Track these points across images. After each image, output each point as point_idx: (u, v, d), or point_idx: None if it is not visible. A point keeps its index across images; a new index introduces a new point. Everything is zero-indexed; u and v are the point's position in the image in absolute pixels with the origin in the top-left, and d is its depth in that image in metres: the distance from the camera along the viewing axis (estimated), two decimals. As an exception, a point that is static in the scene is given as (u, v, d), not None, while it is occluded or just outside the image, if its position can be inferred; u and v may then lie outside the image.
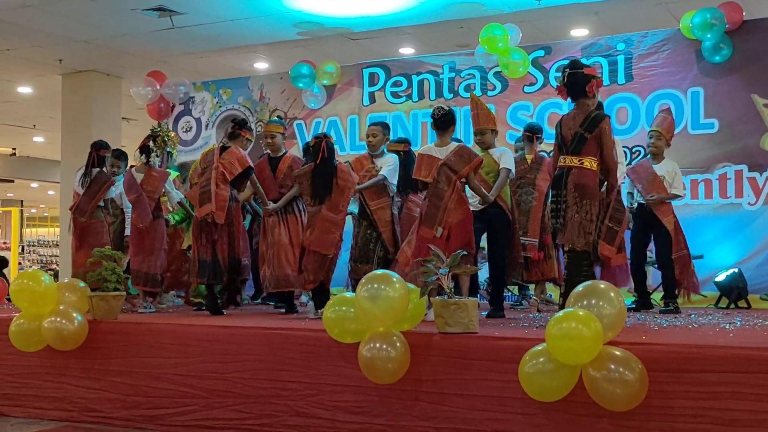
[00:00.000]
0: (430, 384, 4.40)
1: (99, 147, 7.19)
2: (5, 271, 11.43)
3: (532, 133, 7.22)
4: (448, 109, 5.74)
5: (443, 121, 5.67)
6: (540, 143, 7.41)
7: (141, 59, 11.50)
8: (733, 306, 7.42)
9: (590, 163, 5.24)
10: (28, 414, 5.61)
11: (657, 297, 7.25)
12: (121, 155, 7.54)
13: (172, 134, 6.90)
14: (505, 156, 6.18)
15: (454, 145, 5.66)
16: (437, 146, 5.66)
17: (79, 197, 7.01)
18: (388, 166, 6.44)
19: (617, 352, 3.82)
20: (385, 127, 6.81)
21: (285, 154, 6.94)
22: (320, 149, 5.97)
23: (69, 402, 5.51)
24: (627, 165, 8.01)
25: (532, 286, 7.37)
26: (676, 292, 6.72)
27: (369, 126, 6.95)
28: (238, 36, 10.51)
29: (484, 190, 5.76)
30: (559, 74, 8.57)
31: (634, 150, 8.19)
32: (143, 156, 7.14)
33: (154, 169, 7.05)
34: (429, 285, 4.57)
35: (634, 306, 6.70)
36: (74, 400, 5.49)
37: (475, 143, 6.45)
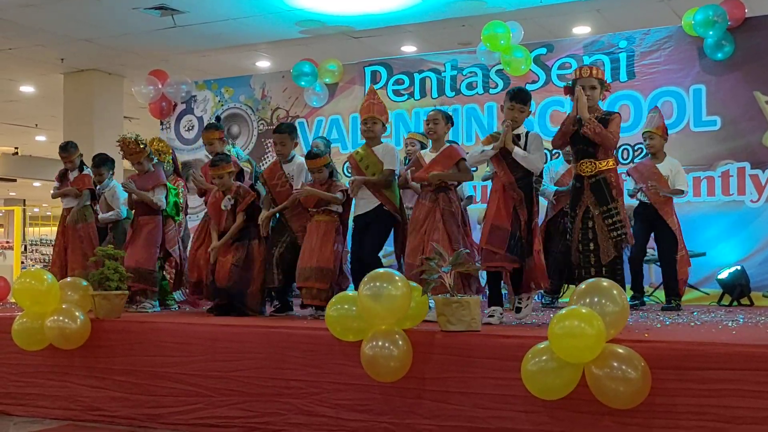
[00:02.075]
0: (433, 382, 4.40)
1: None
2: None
3: None
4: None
5: None
6: None
7: (143, 58, 11.53)
8: (735, 303, 7.41)
9: None
10: (31, 413, 5.61)
11: (661, 295, 7.25)
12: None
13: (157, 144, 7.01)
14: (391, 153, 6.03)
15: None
16: None
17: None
18: (301, 172, 6.25)
19: (620, 350, 3.81)
20: (293, 131, 6.46)
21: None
22: None
23: (73, 401, 5.51)
24: (629, 162, 8.04)
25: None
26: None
27: (275, 134, 6.39)
28: (239, 34, 10.54)
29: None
30: (563, 72, 8.68)
31: (636, 147, 8.19)
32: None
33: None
34: (431, 283, 4.57)
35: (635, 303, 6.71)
36: (78, 399, 5.50)
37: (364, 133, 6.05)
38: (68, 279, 5.99)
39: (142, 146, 6.74)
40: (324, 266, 5.87)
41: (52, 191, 7.60)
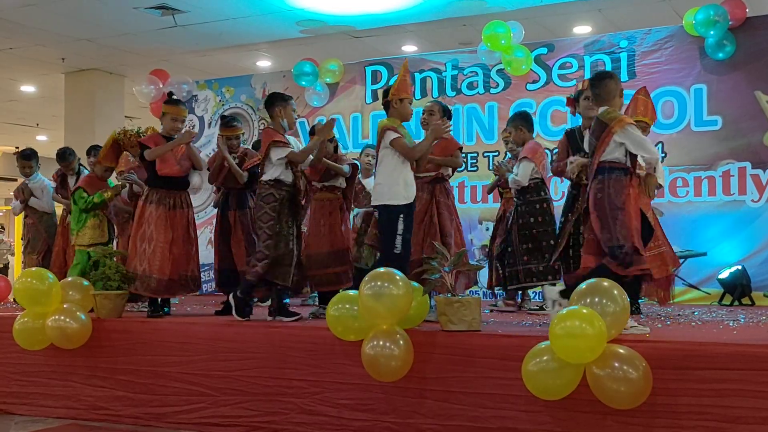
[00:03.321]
0: (434, 382, 4.41)
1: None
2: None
3: None
4: None
5: None
6: None
7: (144, 57, 11.53)
8: (736, 303, 7.41)
9: None
10: (34, 412, 5.62)
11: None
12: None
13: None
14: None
15: None
16: None
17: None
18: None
19: (621, 350, 3.82)
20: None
21: None
22: None
23: (76, 400, 5.52)
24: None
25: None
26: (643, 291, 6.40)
27: (287, 101, 5.86)
28: (240, 34, 10.53)
29: None
30: (564, 72, 8.68)
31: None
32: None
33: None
34: (432, 282, 4.58)
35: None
36: (81, 398, 5.50)
37: (395, 114, 5.29)
38: (69, 279, 5.98)
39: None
40: (339, 248, 5.80)
41: (52, 194, 7.65)
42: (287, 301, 5.63)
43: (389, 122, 5.20)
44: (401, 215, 5.05)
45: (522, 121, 6.60)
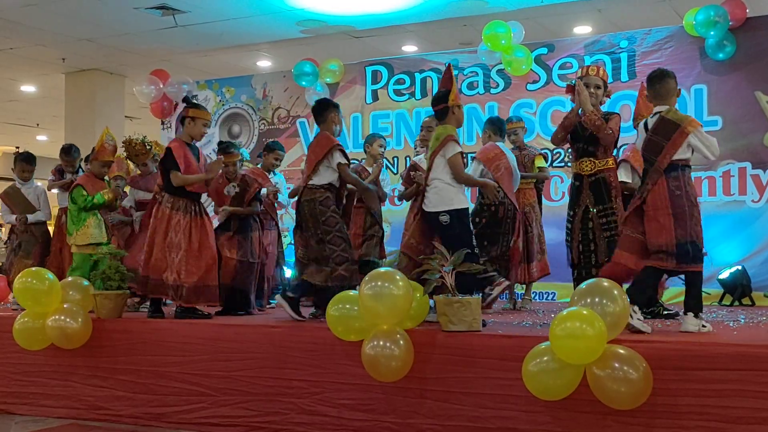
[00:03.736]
0: (434, 382, 4.41)
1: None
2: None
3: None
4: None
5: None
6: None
7: (144, 58, 11.53)
8: (736, 303, 7.42)
9: None
10: (35, 412, 5.62)
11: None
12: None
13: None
14: None
15: None
16: None
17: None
18: None
19: (621, 351, 3.82)
20: None
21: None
22: None
23: (76, 400, 5.52)
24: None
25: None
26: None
27: (338, 108, 5.81)
28: (241, 34, 10.53)
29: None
30: (564, 72, 8.68)
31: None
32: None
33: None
34: (432, 283, 4.58)
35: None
36: (81, 398, 5.50)
37: (453, 121, 5.35)
38: (69, 279, 5.98)
39: (148, 147, 6.81)
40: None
41: (48, 183, 7.58)
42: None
43: (452, 131, 5.24)
44: (467, 216, 5.22)
45: (488, 124, 6.77)
